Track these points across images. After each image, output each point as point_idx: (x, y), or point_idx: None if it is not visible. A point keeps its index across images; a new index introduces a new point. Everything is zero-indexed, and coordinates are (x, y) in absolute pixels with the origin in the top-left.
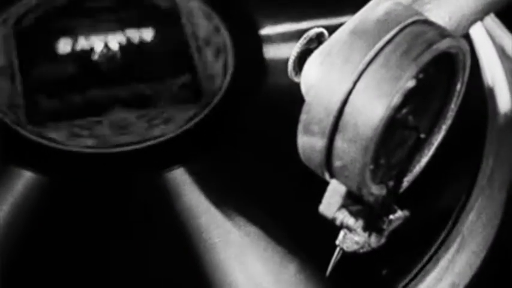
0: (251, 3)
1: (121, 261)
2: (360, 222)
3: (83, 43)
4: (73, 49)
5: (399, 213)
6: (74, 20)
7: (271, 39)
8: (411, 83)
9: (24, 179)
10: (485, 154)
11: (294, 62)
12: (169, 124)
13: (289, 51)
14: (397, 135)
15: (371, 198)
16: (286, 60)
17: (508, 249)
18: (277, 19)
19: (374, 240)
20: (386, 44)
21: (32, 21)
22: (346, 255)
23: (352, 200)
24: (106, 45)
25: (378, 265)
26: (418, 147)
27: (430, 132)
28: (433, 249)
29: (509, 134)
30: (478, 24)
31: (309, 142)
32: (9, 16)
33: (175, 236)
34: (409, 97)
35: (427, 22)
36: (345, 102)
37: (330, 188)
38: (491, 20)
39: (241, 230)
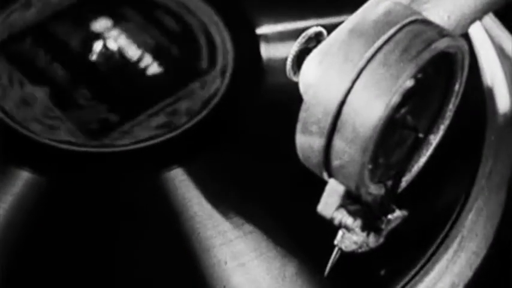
0: (249, 2)
1: (120, 260)
2: (358, 222)
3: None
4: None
5: (397, 213)
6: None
7: (270, 38)
8: (410, 83)
9: (23, 179)
10: (485, 154)
11: (293, 61)
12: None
13: (288, 50)
14: (395, 134)
15: (369, 198)
16: (285, 60)
17: (507, 248)
18: (275, 18)
19: (372, 240)
20: (385, 43)
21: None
22: (344, 255)
23: (351, 200)
24: (105, 45)
25: (377, 265)
26: (417, 146)
27: (429, 132)
28: (432, 249)
29: (509, 133)
30: (477, 24)
31: (307, 142)
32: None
33: (174, 236)
34: (408, 97)
35: (426, 21)
36: (343, 102)
37: (328, 188)
38: (491, 20)
39: (239, 230)
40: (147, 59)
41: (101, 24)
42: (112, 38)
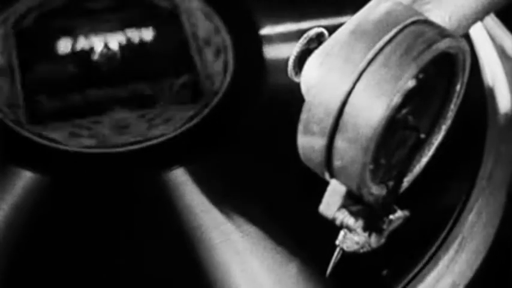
0: (251, 3)
1: (121, 261)
2: (360, 222)
3: (83, 43)
4: (73, 49)
5: (399, 213)
6: (74, 19)
7: (271, 39)
8: (411, 83)
9: (24, 179)
10: (485, 154)
11: (294, 62)
12: (169, 124)
13: (290, 51)
14: (397, 135)
15: (371, 198)
16: (286, 60)
17: (508, 249)
18: (277, 19)
19: (374, 240)
20: (386, 44)
21: (32, 21)
22: (346, 255)
23: (352, 200)
24: (106, 45)
25: (378, 265)
26: (418, 147)
27: (430, 132)
28: (433, 249)
29: (509, 133)
30: (478, 24)
31: (309, 142)
32: (9, 16)
33: (175, 236)
34: (409, 97)
35: (427, 22)
36: (345, 102)
37: (329, 188)
38: (492, 20)
39: (241, 230)
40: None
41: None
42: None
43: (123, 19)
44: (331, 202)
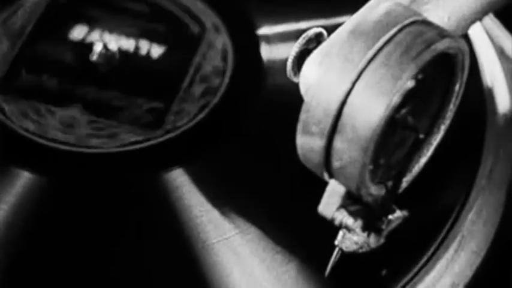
0: (249, 3)
1: (120, 261)
2: (359, 222)
3: (94, 37)
4: (83, 40)
5: (398, 213)
6: (98, 11)
7: (270, 39)
8: (410, 83)
9: (24, 179)
10: (485, 154)
11: (293, 62)
12: (112, 139)
13: (288, 51)
14: (396, 135)
15: (370, 199)
16: (285, 61)
17: (507, 248)
18: (275, 19)
19: (373, 240)
20: (385, 44)
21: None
22: (345, 255)
23: (351, 200)
24: (105, 46)
25: (377, 265)
26: (417, 147)
27: (429, 132)
28: (432, 249)
29: (509, 133)
30: (478, 25)
31: (308, 142)
32: None
33: (174, 236)
34: (409, 97)
35: (426, 22)
36: (344, 103)
37: (329, 188)
38: (491, 20)
39: (240, 230)
40: (144, 44)
41: (78, 32)
42: (98, 40)
43: (145, 29)
44: (330, 202)
